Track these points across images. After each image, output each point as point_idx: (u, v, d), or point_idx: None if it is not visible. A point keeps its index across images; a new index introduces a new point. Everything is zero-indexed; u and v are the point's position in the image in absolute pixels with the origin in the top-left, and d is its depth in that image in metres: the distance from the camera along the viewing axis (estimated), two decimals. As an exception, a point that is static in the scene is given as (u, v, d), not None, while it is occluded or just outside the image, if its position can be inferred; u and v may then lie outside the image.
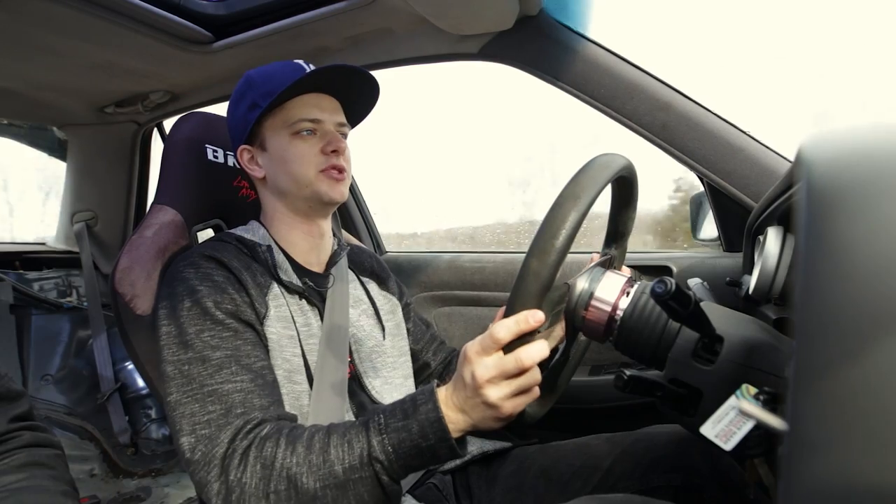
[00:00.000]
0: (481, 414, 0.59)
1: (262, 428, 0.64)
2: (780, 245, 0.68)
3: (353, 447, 0.61)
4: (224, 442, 0.63)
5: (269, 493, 0.61)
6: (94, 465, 1.74)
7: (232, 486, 0.61)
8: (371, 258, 1.02)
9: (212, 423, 0.64)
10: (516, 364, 0.56)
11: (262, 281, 0.78)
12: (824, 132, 0.31)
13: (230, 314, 0.72)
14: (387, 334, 0.92)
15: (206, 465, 0.63)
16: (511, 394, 0.58)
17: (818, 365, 0.27)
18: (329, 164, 0.82)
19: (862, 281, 0.26)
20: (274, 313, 0.76)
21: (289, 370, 0.76)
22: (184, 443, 0.65)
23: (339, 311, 0.84)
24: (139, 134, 1.70)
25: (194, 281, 0.73)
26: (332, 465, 0.60)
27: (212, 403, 0.66)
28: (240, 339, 0.71)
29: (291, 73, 0.81)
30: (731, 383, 0.51)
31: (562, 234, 0.54)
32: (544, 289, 0.55)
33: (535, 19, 1.06)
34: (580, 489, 0.79)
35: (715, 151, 1.01)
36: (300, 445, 0.62)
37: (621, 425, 0.90)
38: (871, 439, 0.25)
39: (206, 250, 0.77)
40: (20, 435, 0.67)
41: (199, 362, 0.68)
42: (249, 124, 0.83)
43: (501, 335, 0.56)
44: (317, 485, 0.60)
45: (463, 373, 0.59)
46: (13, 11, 0.97)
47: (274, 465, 0.61)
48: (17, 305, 1.69)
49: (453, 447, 0.60)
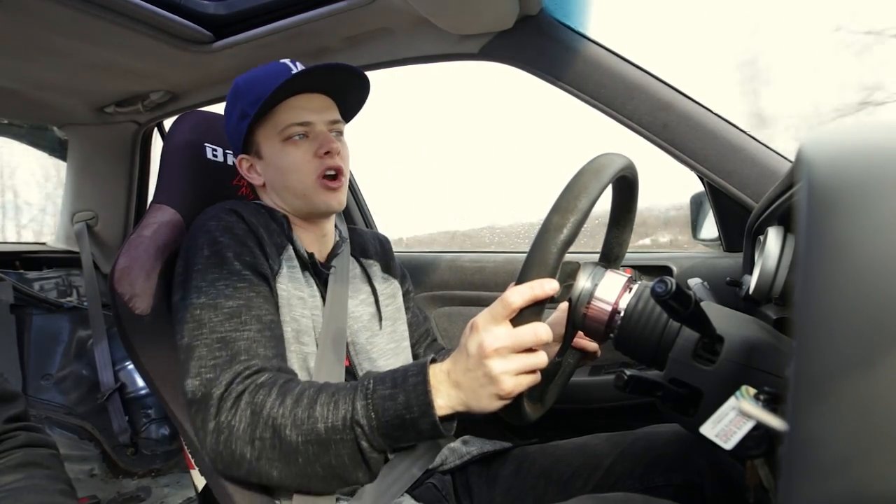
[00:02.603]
0: (479, 390, 0.57)
1: (260, 375, 0.66)
2: (780, 245, 0.68)
3: (339, 407, 0.61)
4: (222, 384, 0.65)
5: (254, 438, 0.62)
6: (94, 465, 1.74)
7: (222, 426, 0.63)
8: (375, 239, 1.03)
9: (216, 368, 0.66)
10: (534, 336, 0.55)
11: (278, 241, 0.80)
12: (824, 132, 0.31)
13: (248, 266, 0.74)
14: (385, 321, 0.92)
15: (205, 404, 0.65)
16: (516, 370, 0.56)
17: (818, 365, 0.27)
18: (324, 166, 0.82)
19: (862, 281, 0.26)
20: (286, 272, 0.78)
21: (297, 330, 0.77)
22: (188, 384, 0.67)
23: (338, 299, 0.85)
24: (139, 134, 1.70)
25: (216, 232, 0.75)
26: (316, 423, 0.61)
27: (219, 349, 0.67)
28: (253, 292, 0.72)
29: (276, 77, 0.79)
30: (732, 383, 0.51)
31: (584, 196, 0.54)
32: (565, 244, 0.53)
33: (536, 19, 1.06)
34: (580, 489, 0.79)
35: (715, 151, 1.01)
36: (289, 398, 0.63)
37: (621, 425, 0.90)
38: (872, 439, 0.25)
39: (228, 204, 0.80)
40: (16, 435, 0.67)
41: (212, 309, 0.70)
42: (242, 134, 0.83)
43: (514, 299, 0.55)
44: (299, 438, 0.61)
45: (468, 344, 0.58)
46: (13, 11, 0.97)
47: (262, 413, 0.62)
48: (18, 305, 1.69)
49: (436, 423, 0.59)
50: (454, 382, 0.59)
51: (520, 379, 0.57)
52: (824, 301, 0.27)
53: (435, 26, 1.05)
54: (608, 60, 1.04)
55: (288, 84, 0.78)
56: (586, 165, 0.58)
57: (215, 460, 0.65)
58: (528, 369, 0.57)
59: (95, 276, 1.74)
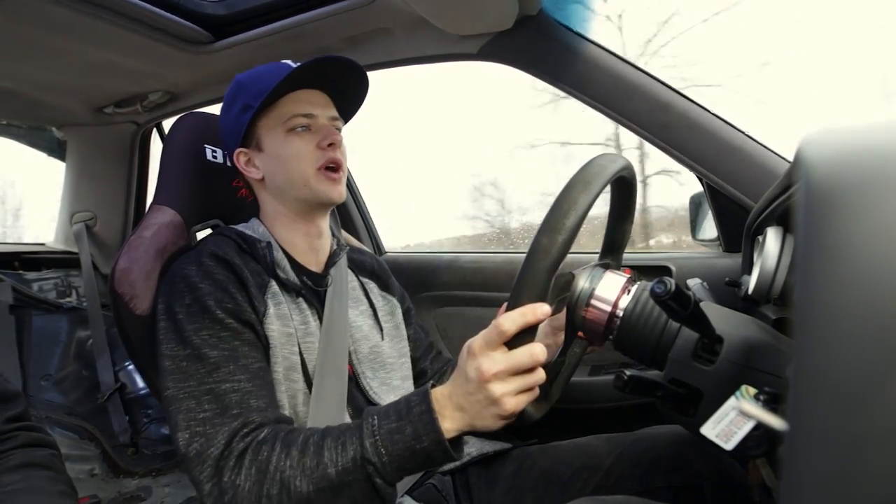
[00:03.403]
0: (482, 411, 0.58)
1: (260, 432, 0.64)
2: (779, 245, 0.68)
3: (347, 449, 0.60)
4: (220, 443, 0.63)
5: (261, 496, 0.60)
6: (95, 465, 1.74)
7: (225, 487, 0.61)
8: (372, 259, 1.02)
9: (207, 422, 0.64)
10: (530, 358, 0.56)
11: (259, 280, 0.78)
12: (823, 132, 0.31)
13: (230, 313, 0.71)
14: (385, 335, 0.92)
15: (201, 464, 0.63)
16: (516, 390, 0.57)
17: (818, 365, 0.27)
18: (326, 158, 0.82)
19: (861, 280, 0.26)
20: (273, 311, 0.76)
21: (287, 368, 0.76)
22: (179, 438, 0.65)
23: (338, 311, 0.84)
24: (138, 134, 1.70)
25: (196, 278, 0.73)
26: (326, 468, 0.60)
27: (208, 402, 0.65)
28: (238, 340, 0.71)
29: (280, 72, 0.81)
30: (731, 383, 0.51)
31: (573, 213, 0.54)
32: (554, 265, 0.54)
33: (535, 19, 1.06)
34: (580, 489, 0.79)
35: (714, 151, 1.01)
36: (294, 449, 0.61)
37: (621, 425, 0.90)
38: (873, 438, 0.25)
39: (208, 247, 0.77)
40: (16, 435, 0.67)
41: (197, 360, 0.68)
42: (243, 126, 0.83)
43: (507, 327, 0.55)
44: (310, 488, 0.60)
45: (466, 368, 0.58)
46: (12, 11, 0.97)
47: (268, 469, 0.61)
48: (17, 306, 1.68)
49: (447, 450, 0.59)
50: (457, 405, 0.59)
51: (520, 398, 0.58)
52: (824, 301, 0.27)
53: (434, 26, 1.05)
54: (607, 61, 1.05)
55: (293, 76, 0.79)
56: (576, 175, 0.57)
57: None
58: (527, 388, 0.58)
59: (95, 276, 1.74)
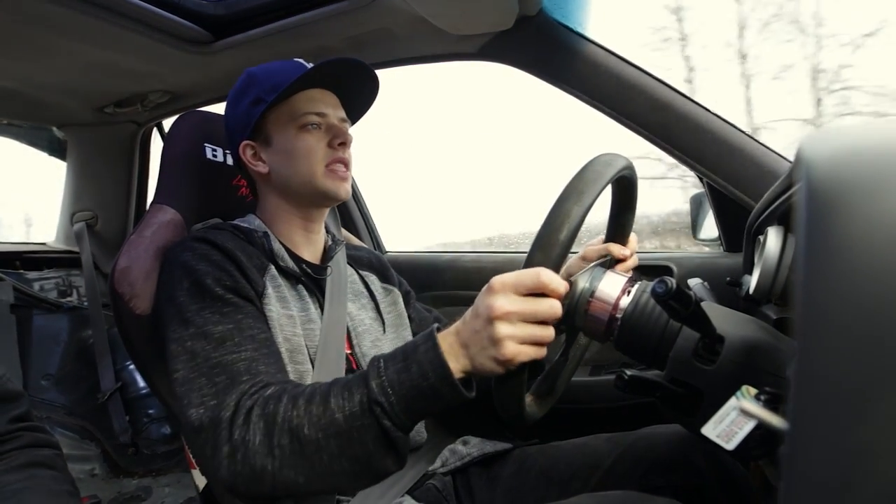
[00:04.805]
0: (481, 350, 0.56)
1: (267, 389, 0.64)
2: (780, 245, 0.68)
3: (353, 394, 0.59)
4: (230, 405, 0.62)
5: (272, 447, 0.59)
6: (95, 464, 1.74)
7: (236, 445, 0.60)
8: (370, 254, 1.03)
9: (219, 393, 0.64)
10: (550, 310, 0.55)
11: (258, 262, 0.78)
12: (824, 132, 0.31)
13: (230, 290, 0.72)
14: (388, 327, 0.92)
15: (215, 428, 0.62)
16: (521, 338, 0.55)
17: (819, 365, 0.27)
18: (335, 157, 0.83)
19: (862, 280, 0.26)
20: (272, 292, 0.76)
21: (290, 349, 0.75)
22: (192, 414, 0.64)
23: (337, 303, 0.84)
24: (139, 134, 1.70)
25: (192, 262, 0.73)
26: (333, 414, 0.59)
27: (218, 375, 0.65)
28: (241, 314, 0.71)
29: (294, 70, 0.82)
30: (732, 383, 0.51)
31: (565, 227, 0.54)
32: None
33: (535, 19, 1.06)
34: (580, 489, 0.78)
35: (715, 151, 1.01)
36: (301, 399, 0.61)
37: (621, 425, 0.90)
38: (873, 438, 0.25)
39: (199, 233, 0.78)
40: (20, 435, 0.67)
41: (202, 337, 0.68)
42: (253, 119, 0.83)
43: (547, 279, 0.54)
44: (319, 435, 0.59)
45: (479, 303, 0.57)
46: (12, 11, 0.97)
47: (276, 420, 0.60)
48: (18, 305, 1.68)
49: (455, 385, 0.57)
50: (462, 343, 0.57)
51: (523, 348, 0.55)
52: (824, 301, 0.27)
53: (434, 26, 1.05)
54: (607, 61, 1.04)
55: (312, 74, 0.81)
56: (570, 183, 0.57)
57: (235, 482, 0.61)
58: (534, 341, 0.55)
59: (95, 276, 1.74)
